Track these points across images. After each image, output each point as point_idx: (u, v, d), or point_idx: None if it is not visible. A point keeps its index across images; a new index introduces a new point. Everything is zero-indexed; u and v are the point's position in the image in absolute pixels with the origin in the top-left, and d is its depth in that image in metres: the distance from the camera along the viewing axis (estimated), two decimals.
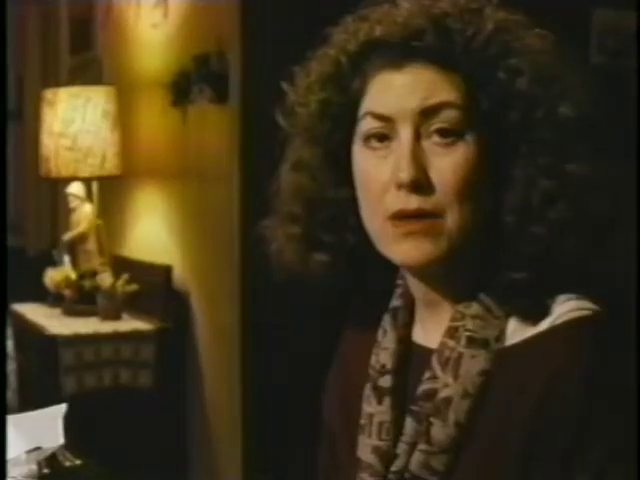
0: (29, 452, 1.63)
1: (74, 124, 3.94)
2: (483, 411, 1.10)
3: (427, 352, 1.15)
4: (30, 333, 3.84)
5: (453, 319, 1.14)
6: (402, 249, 1.11)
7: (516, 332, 1.12)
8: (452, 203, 1.09)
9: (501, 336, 1.12)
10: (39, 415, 1.73)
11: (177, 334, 3.82)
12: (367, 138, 1.13)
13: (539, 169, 1.09)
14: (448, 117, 1.10)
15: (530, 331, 1.11)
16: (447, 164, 1.09)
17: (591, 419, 1.03)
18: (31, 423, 1.69)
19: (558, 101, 1.10)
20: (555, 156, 1.10)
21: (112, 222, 4.26)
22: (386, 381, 1.19)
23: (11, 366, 3.09)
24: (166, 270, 3.91)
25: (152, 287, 3.89)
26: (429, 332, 1.18)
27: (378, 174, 1.11)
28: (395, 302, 1.23)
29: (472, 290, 1.14)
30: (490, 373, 1.10)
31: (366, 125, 1.13)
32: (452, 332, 1.13)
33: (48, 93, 4.06)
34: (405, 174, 1.09)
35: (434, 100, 1.10)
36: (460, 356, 1.11)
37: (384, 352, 1.20)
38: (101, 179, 4.06)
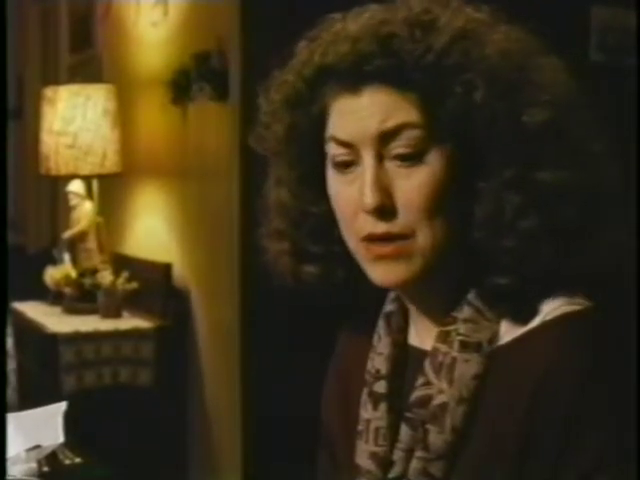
0: (29, 450, 1.63)
1: (74, 122, 3.94)
2: (479, 414, 1.09)
3: (423, 355, 1.14)
4: (30, 331, 3.84)
5: (444, 323, 1.13)
6: (376, 271, 1.11)
7: (508, 333, 1.11)
8: (421, 223, 1.08)
9: (494, 338, 1.11)
10: (39, 413, 1.73)
11: (177, 332, 3.82)
12: (334, 163, 1.12)
13: (506, 182, 1.07)
14: (409, 137, 1.08)
15: (521, 330, 1.10)
16: (411, 185, 1.08)
17: (584, 415, 1.03)
18: (31, 421, 1.69)
19: (521, 109, 1.08)
20: (522, 167, 1.07)
21: (112, 220, 4.26)
22: (381, 386, 1.18)
23: (11, 364, 3.09)
24: (166, 268, 3.91)
25: (152, 285, 3.90)
26: (423, 335, 1.17)
27: (348, 197, 1.11)
28: (388, 307, 1.22)
29: (459, 296, 1.13)
30: (484, 376, 1.10)
31: (332, 150, 1.12)
32: (444, 337, 1.12)
33: (48, 91, 4.06)
34: (368, 200, 1.08)
35: (392, 122, 1.08)
36: (454, 361, 1.10)
37: (379, 357, 1.20)
38: (101, 177, 4.06)
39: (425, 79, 1.06)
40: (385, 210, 1.08)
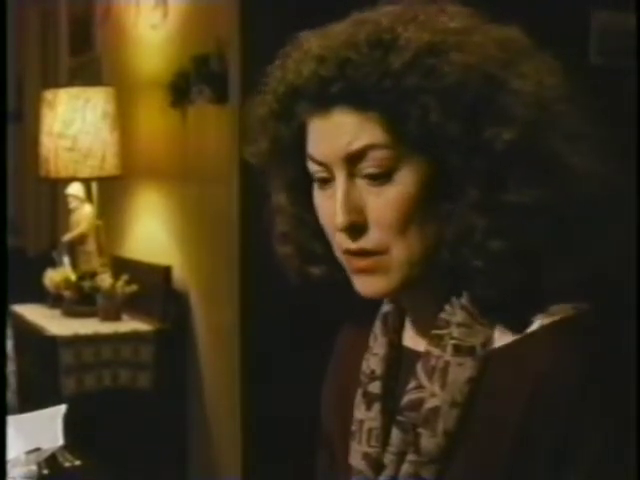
0: (29, 453, 1.62)
1: (74, 125, 3.94)
2: (472, 418, 1.09)
3: (417, 357, 1.14)
4: (30, 334, 3.84)
5: (437, 327, 1.12)
6: (358, 283, 1.12)
7: (502, 337, 1.11)
8: (394, 240, 1.09)
9: (488, 342, 1.10)
10: (39, 416, 1.73)
11: (177, 335, 3.82)
12: (315, 178, 1.13)
13: (472, 204, 1.07)
14: (375, 158, 1.08)
15: (516, 335, 1.10)
16: (382, 203, 1.08)
17: (582, 418, 1.03)
18: (31, 424, 1.69)
19: (484, 129, 1.06)
20: (487, 189, 1.06)
21: (112, 223, 4.26)
22: (375, 387, 1.18)
23: (11, 367, 3.09)
24: (166, 271, 3.91)
25: (152, 288, 3.90)
26: (417, 337, 1.17)
27: (328, 212, 1.12)
28: (386, 307, 1.22)
29: (450, 300, 1.13)
30: (478, 380, 1.09)
31: (310, 167, 1.13)
32: (437, 340, 1.11)
33: (48, 94, 4.06)
34: (339, 220, 1.09)
35: (359, 144, 1.08)
36: (447, 365, 1.10)
37: (374, 358, 1.20)
38: (101, 180, 4.06)
39: (385, 101, 1.06)
40: (357, 228, 1.09)
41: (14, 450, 1.61)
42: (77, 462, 1.73)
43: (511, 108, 1.06)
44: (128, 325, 3.84)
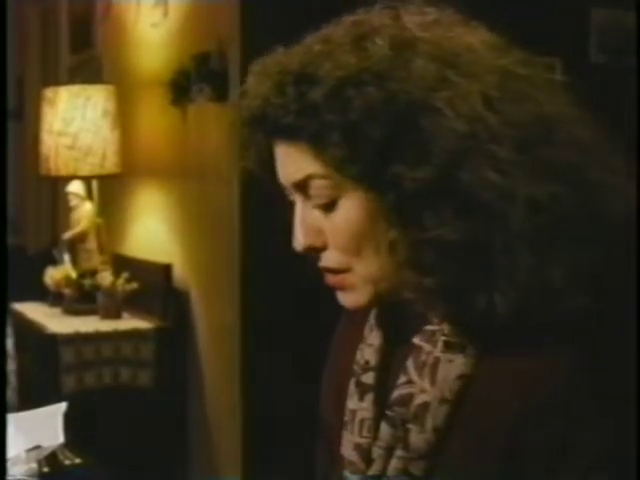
0: (29, 451, 1.63)
1: (74, 123, 3.94)
2: (462, 415, 1.08)
3: (410, 350, 1.13)
4: (30, 332, 3.84)
5: (429, 322, 1.11)
6: (338, 295, 1.13)
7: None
8: (353, 259, 1.09)
9: None
10: (39, 414, 1.73)
11: (177, 333, 3.83)
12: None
13: (410, 236, 1.05)
14: (317, 187, 1.08)
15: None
16: (332, 228, 1.09)
17: (577, 418, 1.02)
18: (31, 422, 1.69)
19: (398, 166, 1.03)
20: (402, 224, 1.05)
21: (112, 221, 4.26)
22: (369, 378, 1.18)
23: (11, 365, 3.09)
24: (166, 269, 3.91)
25: (152, 286, 3.90)
26: (412, 330, 1.15)
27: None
28: None
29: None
30: (469, 377, 1.08)
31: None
32: (429, 335, 1.11)
33: (48, 92, 4.06)
34: (296, 242, 1.11)
35: (301, 174, 1.09)
36: (437, 361, 1.09)
37: (369, 348, 1.20)
38: (101, 178, 4.06)
39: (309, 134, 1.06)
40: (317, 249, 1.11)
41: (14, 448, 1.61)
42: (77, 460, 1.73)
43: (434, 141, 1.02)
44: (128, 323, 3.84)
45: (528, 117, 1.05)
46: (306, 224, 1.11)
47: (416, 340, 1.12)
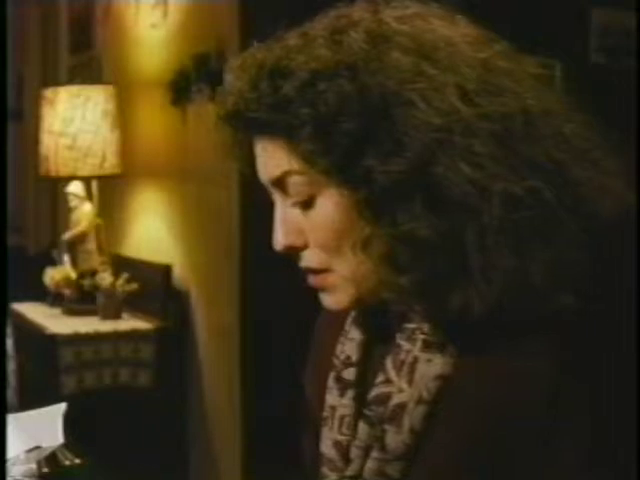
0: (29, 451, 1.62)
1: (74, 123, 3.94)
2: (440, 416, 1.06)
3: (391, 347, 1.11)
4: (30, 332, 3.84)
5: (410, 320, 1.09)
6: (320, 296, 1.12)
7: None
8: (333, 259, 1.08)
9: None
10: (39, 414, 1.73)
11: (177, 333, 3.82)
12: None
13: (389, 234, 1.02)
14: (295, 184, 1.07)
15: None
16: (311, 226, 1.08)
17: (558, 422, 1.00)
18: (31, 422, 1.69)
19: (373, 161, 1.01)
20: (375, 220, 1.03)
21: (112, 221, 4.26)
22: (350, 374, 1.16)
23: (11, 365, 3.09)
24: (166, 269, 3.91)
25: (152, 286, 3.90)
26: (393, 326, 1.14)
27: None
28: None
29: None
30: (447, 377, 1.06)
31: None
32: (408, 334, 1.09)
33: (48, 92, 4.06)
34: (276, 242, 1.10)
35: (278, 171, 1.08)
36: (415, 360, 1.07)
37: (350, 342, 1.17)
38: (101, 178, 4.06)
39: (283, 128, 1.05)
40: (298, 248, 1.09)
41: (14, 449, 1.61)
42: (77, 460, 1.73)
43: (407, 134, 1.01)
44: (128, 323, 3.84)
45: (508, 110, 1.02)
46: (286, 223, 1.09)
47: (396, 338, 1.10)
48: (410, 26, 1.06)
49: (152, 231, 4.18)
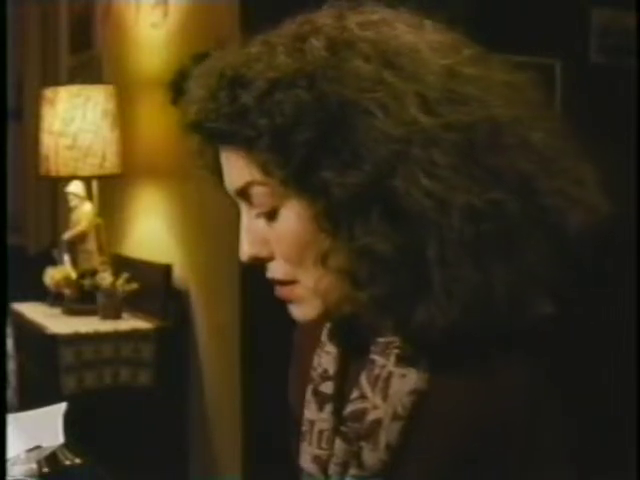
0: (29, 451, 1.62)
1: (74, 123, 3.94)
2: (417, 432, 1.04)
3: (366, 361, 1.09)
4: (30, 332, 3.84)
5: (382, 334, 1.07)
6: (289, 307, 1.10)
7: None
8: (298, 270, 1.05)
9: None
10: (39, 414, 1.73)
11: (177, 333, 3.82)
12: None
13: (342, 246, 1.00)
14: (257, 194, 1.05)
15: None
16: (275, 238, 1.06)
17: (535, 438, 0.98)
18: (31, 422, 1.69)
19: (330, 174, 0.98)
20: (334, 233, 1.00)
21: (112, 221, 4.26)
22: (328, 387, 1.14)
23: (11, 365, 3.09)
24: (166, 269, 3.91)
25: (152, 286, 3.90)
26: (368, 340, 1.12)
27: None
28: None
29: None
30: (422, 392, 1.04)
31: None
32: (382, 348, 1.07)
33: (48, 92, 4.06)
34: (241, 252, 1.09)
35: (240, 181, 1.06)
36: (390, 375, 1.05)
37: (327, 356, 1.16)
38: (101, 178, 4.06)
39: (243, 139, 1.02)
40: (263, 259, 1.08)
41: (14, 448, 1.61)
42: (77, 460, 1.73)
43: (365, 144, 0.97)
44: (128, 323, 3.84)
45: (472, 120, 0.99)
46: (251, 233, 1.08)
47: (370, 352, 1.08)
48: (374, 32, 1.02)
49: (152, 231, 4.18)
